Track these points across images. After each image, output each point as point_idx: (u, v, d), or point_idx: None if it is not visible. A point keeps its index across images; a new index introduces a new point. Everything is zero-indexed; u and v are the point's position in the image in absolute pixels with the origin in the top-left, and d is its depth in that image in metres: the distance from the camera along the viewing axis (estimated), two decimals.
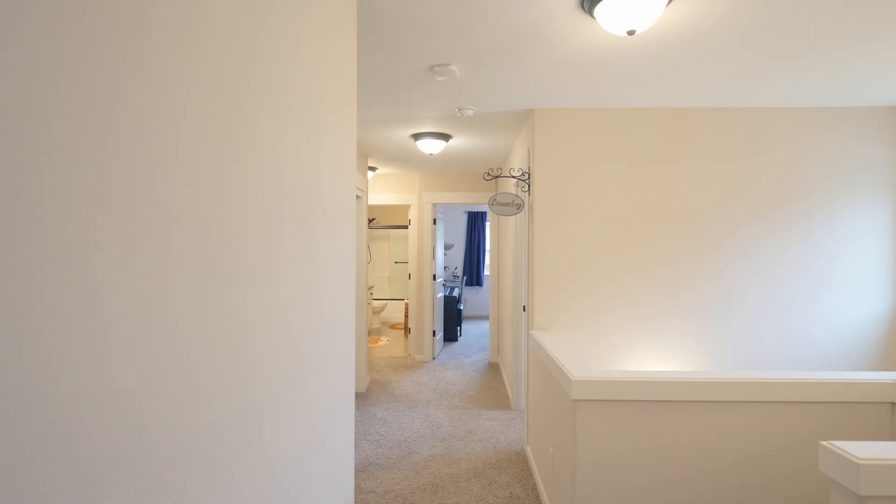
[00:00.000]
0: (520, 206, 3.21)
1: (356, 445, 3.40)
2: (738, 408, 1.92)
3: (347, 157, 1.68)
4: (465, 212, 9.40)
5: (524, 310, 3.96)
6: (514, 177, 3.20)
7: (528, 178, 3.17)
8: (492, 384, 4.92)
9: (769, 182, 3.01)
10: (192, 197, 0.75)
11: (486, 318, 9.25)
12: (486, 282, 9.45)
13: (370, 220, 8.24)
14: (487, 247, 9.45)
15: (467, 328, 8.19)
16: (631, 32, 1.68)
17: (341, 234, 1.63)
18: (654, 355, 3.03)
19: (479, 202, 5.89)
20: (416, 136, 3.87)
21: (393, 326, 8.26)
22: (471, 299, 9.47)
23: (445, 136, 3.87)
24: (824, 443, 1.30)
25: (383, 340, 7.10)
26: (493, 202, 3.22)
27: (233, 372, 0.88)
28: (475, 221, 9.30)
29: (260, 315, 1.00)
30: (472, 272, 9.35)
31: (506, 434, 3.61)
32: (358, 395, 4.53)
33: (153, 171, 0.66)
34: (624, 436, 1.94)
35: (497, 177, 3.19)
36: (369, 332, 7.72)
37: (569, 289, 3.04)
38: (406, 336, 7.27)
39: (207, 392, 0.79)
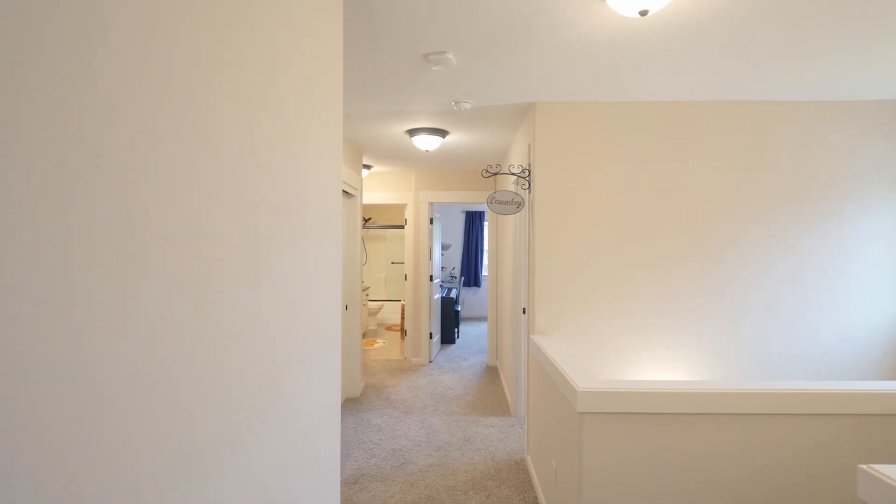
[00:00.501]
0: (520, 205, 3.07)
1: (348, 455, 3.25)
2: (757, 420, 1.78)
3: (332, 147, 1.53)
4: (463, 211, 9.25)
5: (524, 312, 3.82)
6: (513, 174, 3.06)
7: (529, 174, 3.03)
8: (490, 389, 4.77)
9: (779, 181, 2.88)
10: (166, 194, 0.70)
11: (484, 319, 9.11)
12: (484, 282, 9.31)
13: (366, 220, 8.09)
14: (486, 247, 9.31)
15: (465, 330, 8.04)
16: (643, 13, 1.54)
17: (326, 232, 1.48)
18: (661, 361, 2.89)
19: (476, 201, 5.74)
20: (412, 132, 3.73)
21: (389, 328, 8.11)
22: (469, 300, 9.33)
23: (442, 132, 3.72)
24: (864, 467, 1.16)
25: (379, 343, 6.95)
26: (491, 200, 3.07)
27: (209, 380, 0.82)
28: (473, 221, 9.16)
29: (238, 318, 0.92)
30: (470, 273, 9.21)
31: (505, 442, 3.46)
32: (352, 401, 4.38)
33: (128, 166, 0.62)
34: (634, 450, 1.80)
35: (496, 173, 3.05)
36: (364, 335, 7.57)
37: (571, 291, 2.90)
38: (402, 338, 7.12)
39: (180, 399, 0.74)
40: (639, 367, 2.89)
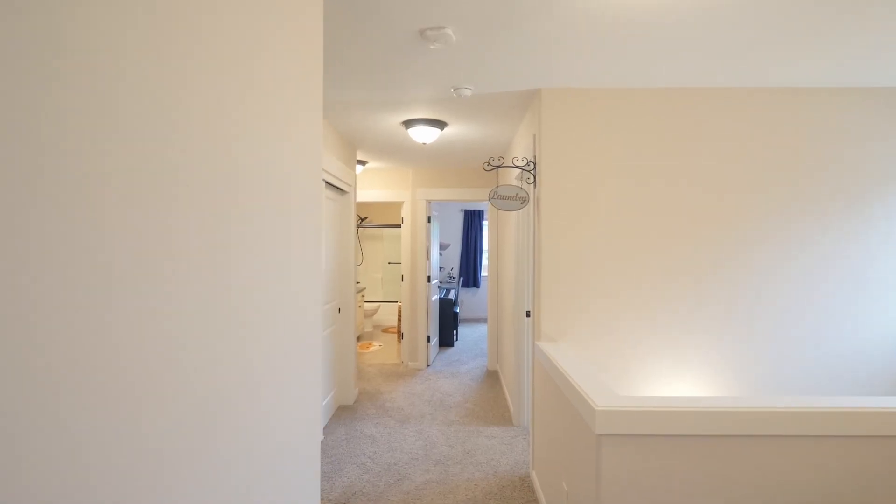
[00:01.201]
0: (524, 200, 2.84)
1: (340, 470, 3.01)
2: (808, 443, 1.55)
3: (310, 129, 1.30)
4: (462, 210, 9.03)
5: (528, 315, 3.59)
6: (517, 167, 2.83)
7: (534, 168, 2.80)
8: (490, 395, 4.54)
9: (800, 175, 2.65)
10: (120, 184, 0.62)
11: (483, 321, 8.88)
12: (483, 283, 9.09)
13: (363, 219, 7.85)
14: (485, 247, 9.09)
15: (464, 332, 7.82)
16: None
17: (304, 226, 1.25)
18: (678, 371, 2.66)
19: (476, 199, 5.51)
20: (408, 124, 3.50)
21: (386, 330, 7.88)
22: (467, 301, 9.10)
23: (440, 124, 3.49)
24: None
25: (375, 346, 6.71)
26: (494, 195, 2.84)
27: (172, 384, 0.73)
28: (472, 220, 8.93)
29: (200, 318, 0.81)
30: (469, 273, 8.98)
31: (508, 455, 3.23)
32: (345, 409, 4.15)
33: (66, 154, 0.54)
34: (660, 477, 1.57)
35: (499, 167, 2.82)
36: (360, 337, 7.33)
37: (580, 295, 2.67)
38: (399, 341, 6.89)
39: (134, 421, 0.65)
40: (657, 378, 2.66)
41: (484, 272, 9.14)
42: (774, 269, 2.65)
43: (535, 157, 2.80)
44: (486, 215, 9.00)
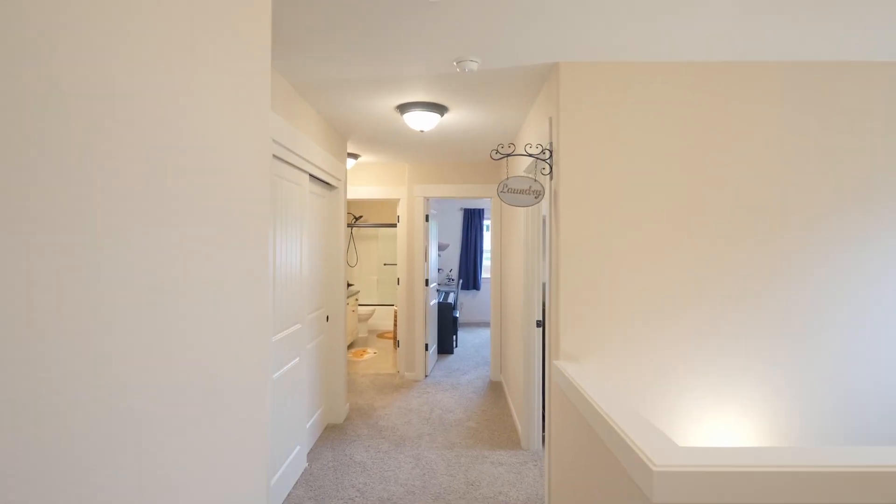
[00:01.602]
0: (538, 194, 2.43)
1: None
2: None
3: (247, 72, 0.89)
4: (461, 208, 8.61)
5: (538, 325, 3.18)
6: (530, 155, 2.41)
7: (550, 156, 2.39)
8: (495, 411, 4.12)
9: (866, 171, 2.24)
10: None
11: (484, 324, 8.47)
12: (483, 285, 8.68)
13: (357, 218, 7.43)
14: (486, 247, 8.68)
15: (464, 337, 7.40)
16: None
17: (230, 215, 0.84)
18: (725, 403, 2.24)
19: (477, 195, 5.10)
20: (404, 109, 3.08)
21: (381, 336, 7.46)
22: (467, 304, 8.69)
23: (440, 108, 3.08)
24: None
25: (369, 353, 6.29)
26: (503, 188, 2.43)
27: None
28: (472, 219, 8.52)
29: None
30: (469, 275, 8.57)
31: (517, 487, 2.82)
32: (333, 428, 3.73)
33: None
34: None
35: (509, 155, 2.41)
36: (354, 344, 6.91)
37: (606, 307, 2.25)
38: (395, 348, 6.47)
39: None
40: (689, 410, 2.24)
41: (485, 273, 8.73)
42: (842, 281, 2.24)
43: (551, 143, 2.39)
44: (486, 214, 8.60)
